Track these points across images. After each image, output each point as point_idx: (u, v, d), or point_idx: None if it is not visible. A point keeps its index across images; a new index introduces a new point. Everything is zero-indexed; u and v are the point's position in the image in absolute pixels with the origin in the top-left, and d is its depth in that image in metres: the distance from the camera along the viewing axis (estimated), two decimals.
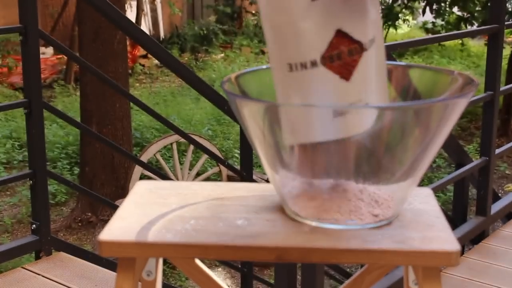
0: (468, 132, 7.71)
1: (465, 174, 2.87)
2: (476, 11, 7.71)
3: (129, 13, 10.97)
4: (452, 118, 0.90)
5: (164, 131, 6.51)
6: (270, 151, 0.93)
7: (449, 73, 1.00)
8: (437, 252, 0.87)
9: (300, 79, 0.87)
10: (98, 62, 5.09)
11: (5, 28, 2.47)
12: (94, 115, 5.28)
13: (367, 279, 1.06)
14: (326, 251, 0.88)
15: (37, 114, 2.40)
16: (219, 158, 3.38)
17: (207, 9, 12.98)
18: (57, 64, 9.62)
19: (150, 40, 2.81)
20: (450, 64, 10.63)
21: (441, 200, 5.59)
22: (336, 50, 0.86)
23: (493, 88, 2.82)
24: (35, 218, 2.48)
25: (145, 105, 2.84)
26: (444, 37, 3.40)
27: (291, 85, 0.88)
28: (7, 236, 5.13)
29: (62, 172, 6.10)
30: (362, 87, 0.88)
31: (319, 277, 2.00)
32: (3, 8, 9.43)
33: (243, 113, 0.91)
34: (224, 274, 4.70)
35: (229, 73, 1.86)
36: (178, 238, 0.90)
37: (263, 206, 1.01)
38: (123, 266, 0.93)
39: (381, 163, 0.91)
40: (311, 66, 0.86)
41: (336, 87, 0.87)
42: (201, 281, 1.07)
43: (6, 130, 7.07)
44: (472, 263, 2.62)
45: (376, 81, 0.90)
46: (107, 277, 2.41)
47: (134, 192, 1.06)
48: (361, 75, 0.87)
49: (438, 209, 1.00)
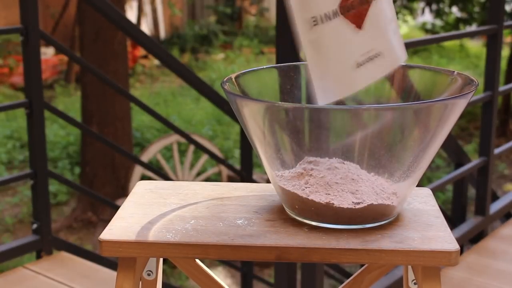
0: (467, 132, 7.72)
1: (464, 174, 2.87)
2: (475, 12, 7.71)
3: (129, 14, 10.98)
4: (452, 118, 0.90)
5: (165, 131, 6.52)
6: (270, 151, 0.93)
7: (449, 73, 1.00)
8: (436, 251, 0.88)
9: (324, 33, 0.90)
10: (99, 62, 5.10)
11: (6, 28, 2.47)
12: (95, 115, 5.28)
13: (367, 279, 1.07)
14: (326, 251, 0.88)
15: (38, 114, 2.41)
16: (219, 158, 3.38)
17: (207, 9, 12.98)
18: (58, 64, 9.62)
19: (151, 40, 2.81)
20: (449, 64, 10.62)
21: (440, 200, 5.59)
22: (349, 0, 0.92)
23: (492, 88, 2.82)
24: (36, 217, 2.48)
25: (145, 105, 2.84)
26: (443, 37, 3.39)
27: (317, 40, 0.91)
28: (8, 236, 5.14)
29: (63, 172, 6.10)
30: (373, 35, 0.93)
31: (319, 277, 2.00)
32: (4, 9, 9.43)
33: (243, 113, 0.91)
34: (224, 274, 4.71)
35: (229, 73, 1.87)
36: (178, 238, 0.91)
37: (263, 206, 1.01)
38: (124, 266, 0.93)
39: (381, 163, 0.92)
40: (333, 16, 0.90)
41: (352, 36, 0.92)
42: (201, 281, 1.07)
43: (7, 130, 7.07)
44: (471, 263, 2.62)
45: (387, 30, 0.95)
46: (107, 277, 2.42)
47: (135, 192, 1.07)
48: (371, 23, 0.92)
49: (438, 209, 1.01)
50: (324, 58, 0.90)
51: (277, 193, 0.99)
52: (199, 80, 2.96)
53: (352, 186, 0.92)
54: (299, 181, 0.94)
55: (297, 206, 0.95)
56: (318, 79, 0.90)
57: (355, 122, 0.89)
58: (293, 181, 0.94)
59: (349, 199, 0.92)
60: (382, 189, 0.93)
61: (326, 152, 0.92)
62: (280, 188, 0.96)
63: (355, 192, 0.92)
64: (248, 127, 0.93)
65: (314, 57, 0.90)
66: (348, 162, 0.92)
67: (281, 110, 0.90)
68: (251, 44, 11.93)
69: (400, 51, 0.97)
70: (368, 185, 0.92)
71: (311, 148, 0.92)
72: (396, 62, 0.97)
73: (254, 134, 0.93)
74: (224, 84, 0.95)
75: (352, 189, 0.92)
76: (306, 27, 0.89)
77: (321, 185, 0.92)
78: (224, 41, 11.90)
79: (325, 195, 0.92)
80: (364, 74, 0.93)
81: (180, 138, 4.90)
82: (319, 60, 0.90)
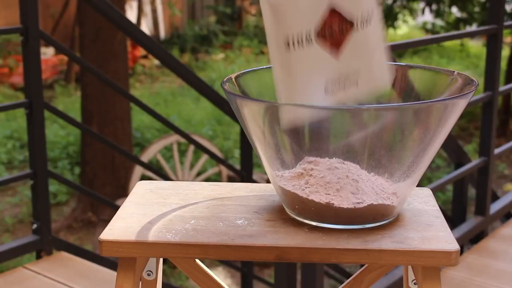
0: (467, 132, 7.72)
1: (464, 174, 2.88)
2: (475, 12, 7.71)
3: (129, 14, 10.98)
4: (452, 118, 0.90)
5: (165, 131, 6.52)
6: (270, 151, 0.93)
7: (449, 73, 1.00)
8: (436, 252, 0.88)
9: (296, 57, 0.89)
10: (99, 62, 5.10)
11: (6, 28, 2.47)
12: (95, 115, 5.28)
13: (367, 279, 1.07)
14: (326, 251, 0.88)
15: (38, 114, 2.41)
16: (219, 158, 3.38)
17: (207, 9, 12.98)
18: (58, 64, 9.62)
19: (151, 40, 2.81)
20: (450, 64, 10.62)
21: (440, 200, 5.59)
22: (328, 27, 0.90)
23: (492, 88, 2.83)
24: (36, 218, 2.48)
25: (145, 105, 2.84)
26: (443, 37, 3.39)
27: (289, 63, 0.90)
28: (8, 236, 5.14)
29: (62, 172, 6.10)
30: (350, 64, 0.92)
31: (319, 277, 2.00)
32: (4, 9, 9.43)
33: (243, 113, 0.91)
34: (224, 274, 4.71)
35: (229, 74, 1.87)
36: (178, 238, 0.91)
37: (263, 206, 1.01)
38: (124, 266, 0.93)
39: (381, 163, 0.92)
40: (308, 42, 0.89)
41: (325, 64, 0.91)
42: (201, 281, 1.07)
43: (7, 130, 7.07)
44: (471, 263, 2.62)
45: (368, 59, 0.94)
46: (107, 277, 2.42)
47: (135, 192, 1.07)
48: (350, 52, 0.92)
49: (438, 209, 1.01)
50: (293, 81, 0.90)
51: (277, 193, 0.99)
52: (199, 80, 2.96)
53: (352, 186, 0.92)
54: (299, 181, 0.94)
55: (297, 206, 0.94)
56: (284, 101, 0.89)
57: (355, 122, 0.89)
58: (293, 181, 0.94)
59: (349, 199, 0.92)
60: (382, 189, 0.93)
61: (326, 152, 0.92)
62: (280, 188, 0.96)
63: (355, 192, 0.92)
64: (248, 127, 0.93)
65: (283, 78, 0.90)
66: (348, 162, 0.92)
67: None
68: (251, 44, 11.93)
69: (381, 79, 0.96)
70: (368, 185, 0.92)
71: (311, 148, 0.92)
72: (375, 89, 0.96)
73: (254, 134, 0.93)
74: (224, 84, 0.95)
75: (352, 189, 0.92)
76: (279, 49, 0.89)
77: (321, 185, 0.92)
78: (224, 41, 11.91)
79: (325, 195, 0.92)
80: (332, 101, 0.92)
81: (180, 138, 4.90)
82: (287, 82, 0.90)
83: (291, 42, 0.88)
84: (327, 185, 0.92)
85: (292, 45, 0.88)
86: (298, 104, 0.89)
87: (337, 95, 0.92)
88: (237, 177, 3.46)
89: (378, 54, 0.94)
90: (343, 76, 0.92)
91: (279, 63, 0.89)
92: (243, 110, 0.91)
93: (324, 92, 0.90)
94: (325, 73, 0.91)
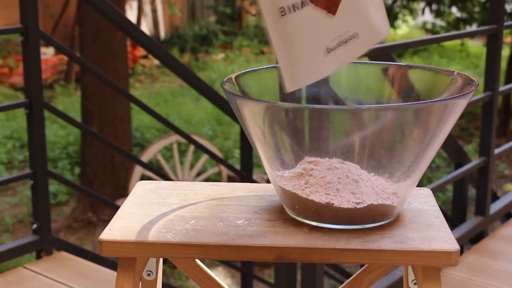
0: (467, 132, 7.72)
1: (464, 174, 2.87)
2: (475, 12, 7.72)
3: (129, 14, 10.98)
4: (452, 118, 0.90)
5: (165, 131, 6.52)
6: (270, 151, 0.93)
7: (449, 73, 1.00)
8: (436, 252, 0.88)
9: (292, 22, 0.89)
10: (99, 62, 5.10)
11: (6, 28, 2.47)
12: (95, 115, 5.28)
13: (367, 279, 1.07)
14: (326, 251, 0.88)
15: (38, 114, 2.41)
16: (219, 158, 3.38)
17: (207, 9, 12.98)
18: (58, 64, 9.62)
19: (151, 40, 2.81)
20: (450, 64, 10.62)
21: (440, 200, 5.59)
22: None
23: (492, 88, 2.82)
24: (36, 218, 2.48)
25: (145, 105, 2.84)
26: (443, 37, 3.39)
27: (284, 29, 0.90)
28: (8, 236, 5.14)
29: (62, 172, 6.10)
30: (349, 17, 0.92)
31: (319, 277, 2.00)
32: (4, 9, 9.43)
33: (243, 113, 0.91)
34: (224, 274, 4.71)
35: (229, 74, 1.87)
36: (178, 238, 0.91)
37: (263, 206, 1.01)
38: (124, 266, 0.93)
39: (381, 163, 0.92)
40: (302, 5, 0.89)
41: (322, 22, 0.91)
42: (201, 281, 1.07)
43: (7, 130, 7.08)
44: (471, 263, 2.62)
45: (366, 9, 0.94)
46: (107, 277, 2.42)
47: (135, 192, 1.07)
48: (347, 6, 0.91)
49: (438, 209, 1.01)
50: (292, 45, 0.90)
51: (277, 193, 0.99)
52: (199, 80, 2.96)
53: (352, 186, 0.92)
54: (299, 181, 0.94)
55: (297, 206, 0.94)
56: (286, 67, 0.90)
57: (355, 122, 0.89)
58: (293, 181, 0.94)
59: (349, 199, 0.92)
60: (382, 189, 0.93)
61: (326, 152, 0.92)
62: (280, 188, 0.96)
63: (355, 192, 0.92)
64: (248, 127, 0.93)
65: (281, 45, 0.90)
66: (348, 162, 0.92)
67: (281, 110, 0.90)
68: (251, 44, 11.93)
69: (382, 27, 0.96)
70: (368, 185, 0.92)
71: (311, 148, 0.92)
72: (375, 39, 0.96)
73: (254, 134, 0.93)
74: (224, 84, 0.95)
75: (352, 189, 0.92)
76: (273, 17, 0.89)
77: (321, 185, 0.92)
78: (224, 41, 11.91)
79: (325, 195, 0.92)
80: (334, 59, 0.92)
81: (180, 138, 4.90)
82: (286, 48, 0.90)
83: (286, 6, 0.88)
84: (327, 185, 0.92)
85: (288, 9, 0.88)
86: (298, 104, 0.89)
87: (339, 51, 0.91)
88: (237, 177, 3.46)
89: (375, 4, 0.95)
90: (342, 32, 0.92)
91: (276, 30, 0.89)
92: (243, 110, 0.91)
93: (324, 52, 0.90)
94: (324, 33, 0.91)
